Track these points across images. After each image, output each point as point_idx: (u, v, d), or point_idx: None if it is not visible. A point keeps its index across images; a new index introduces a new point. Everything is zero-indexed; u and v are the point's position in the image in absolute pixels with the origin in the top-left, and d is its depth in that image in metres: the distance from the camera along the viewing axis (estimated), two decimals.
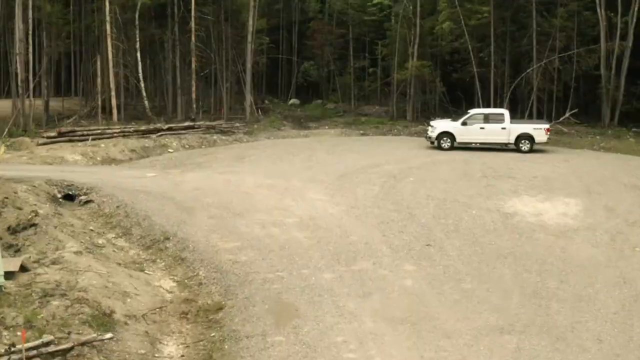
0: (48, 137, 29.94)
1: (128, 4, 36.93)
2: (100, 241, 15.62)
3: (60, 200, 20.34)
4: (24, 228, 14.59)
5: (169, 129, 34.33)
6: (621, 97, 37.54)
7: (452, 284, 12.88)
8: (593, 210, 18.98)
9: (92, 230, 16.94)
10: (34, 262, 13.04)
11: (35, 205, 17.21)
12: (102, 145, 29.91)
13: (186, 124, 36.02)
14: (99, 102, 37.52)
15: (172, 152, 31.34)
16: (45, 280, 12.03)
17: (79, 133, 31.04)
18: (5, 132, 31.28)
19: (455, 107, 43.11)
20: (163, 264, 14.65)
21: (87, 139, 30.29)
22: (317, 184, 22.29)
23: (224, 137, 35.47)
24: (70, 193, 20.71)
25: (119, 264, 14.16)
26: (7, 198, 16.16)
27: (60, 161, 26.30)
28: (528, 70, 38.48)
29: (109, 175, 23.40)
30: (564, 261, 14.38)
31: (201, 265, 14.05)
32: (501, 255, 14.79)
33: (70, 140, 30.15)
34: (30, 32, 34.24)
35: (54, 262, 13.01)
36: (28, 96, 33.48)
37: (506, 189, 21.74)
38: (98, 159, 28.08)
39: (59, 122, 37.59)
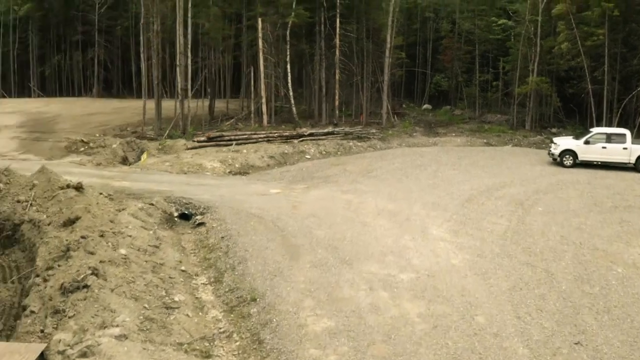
0: (198, 142, 25.32)
1: (279, 22, 31.80)
2: (177, 298, 10.15)
3: (176, 219, 15.39)
4: (76, 288, 9.28)
5: (310, 134, 28.70)
6: None
7: None
8: None
9: (183, 271, 11.62)
10: (60, 351, 7.75)
11: (130, 237, 12.17)
12: (244, 151, 24.80)
13: (326, 130, 30.31)
14: (252, 108, 32.87)
15: (308, 159, 25.67)
16: None
17: (227, 138, 26.15)
18: (165, 135, 27.31)
19: (568, 119, 37.31)
20: (237, 344, 8.96)
21: (232, 144, 25.36)
22: (440, 212, 15.90)
23: (359, 144, 29.38)
24: (187, 212, 15.70)
25: (180, 346, 8.59)
26: (83, 238, 10.93)
27: (197, 169, 21.36)
28: (639, 89, 30.79)
29: (232, 191, 18.06)
30: None
31: None
32: None
33: (217, 145, 25.38)
34: (192, 44, 29.99)
35: (83, 354, 7.65)
36: (187, 101, 29.21)
37: None
38: (237, 165, 22.90)
39: (220, 123, 33.51)
